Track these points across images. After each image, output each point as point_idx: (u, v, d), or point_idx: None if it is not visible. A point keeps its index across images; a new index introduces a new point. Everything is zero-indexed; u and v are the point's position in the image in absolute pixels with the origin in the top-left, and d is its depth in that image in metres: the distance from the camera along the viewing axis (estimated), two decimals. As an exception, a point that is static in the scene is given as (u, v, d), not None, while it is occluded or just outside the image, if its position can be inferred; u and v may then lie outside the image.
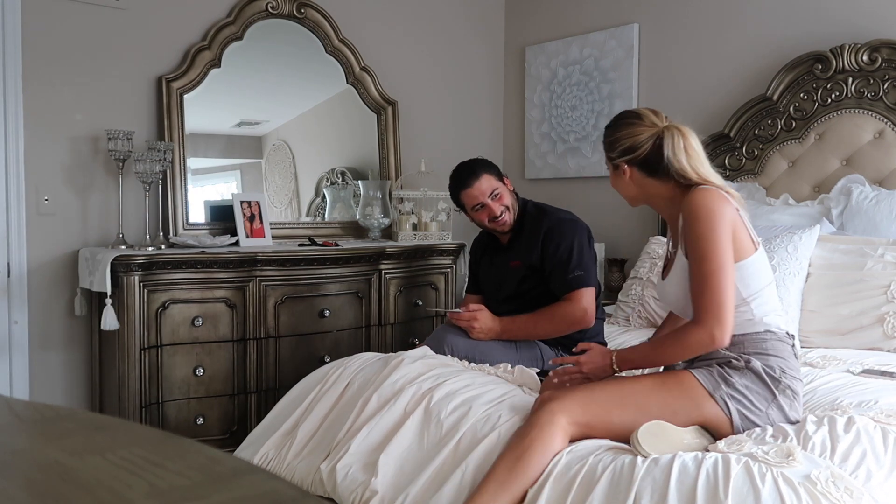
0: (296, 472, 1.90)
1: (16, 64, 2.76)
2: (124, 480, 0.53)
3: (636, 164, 1.78)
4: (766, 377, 1.65)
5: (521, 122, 4.24)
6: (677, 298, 1.78)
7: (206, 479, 0.54)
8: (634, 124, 1.78)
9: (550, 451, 1.56)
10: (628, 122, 1.80)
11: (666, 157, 1.71)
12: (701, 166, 1.72)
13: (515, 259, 2.48)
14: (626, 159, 1.79)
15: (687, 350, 1.65)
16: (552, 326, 2.37)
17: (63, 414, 0.71)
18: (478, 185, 2.46)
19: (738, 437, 1.57)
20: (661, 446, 1.52)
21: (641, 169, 1.78)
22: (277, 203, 3.49)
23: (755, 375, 1.65)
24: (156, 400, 2.71)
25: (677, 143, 1.71)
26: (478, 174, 2.47)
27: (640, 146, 1.76)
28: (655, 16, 3.63)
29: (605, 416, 1.63)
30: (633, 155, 1.77)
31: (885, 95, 2.87)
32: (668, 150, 1.71)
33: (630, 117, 1.81)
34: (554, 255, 2.39)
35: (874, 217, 2.72)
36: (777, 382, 1.65)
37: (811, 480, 1.36)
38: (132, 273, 2.63)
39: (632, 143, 1.76)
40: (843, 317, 2.45)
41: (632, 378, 1.76)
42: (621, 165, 1.80)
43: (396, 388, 1.92)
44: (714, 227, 1.62)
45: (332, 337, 3.09)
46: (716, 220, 1.62)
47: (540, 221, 2.46)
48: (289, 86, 3.53)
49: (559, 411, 1.60)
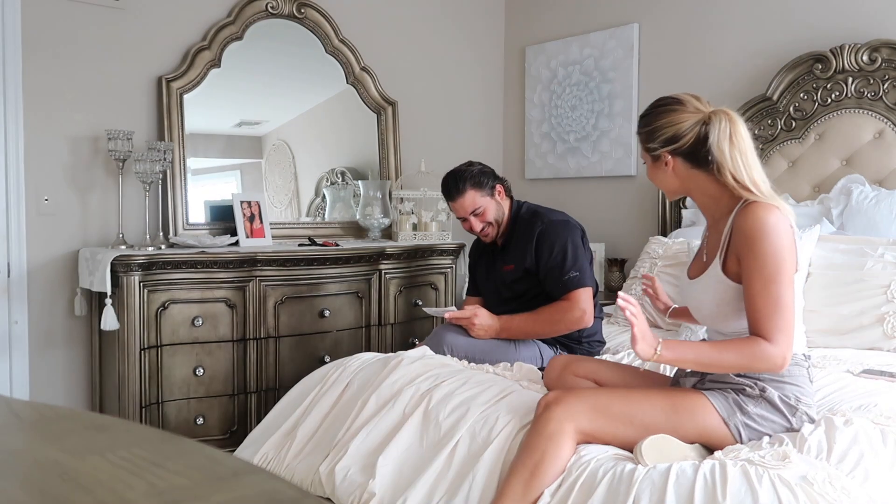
0: (295, 473, 1.90)
1: (16, 64, 2.76)
2: (124, 480, 0.53)
3: (680, 155, 1.65)
4: (782, 405, 1.58)
5: (521, 122, 4.24)
6: (701, 305, 1.70)
7: (206, 479, 0.54)
8: (677, 110, 1.64)
9: (563, 461, 1.55)
10: (670, 108, 1.65)
11: (709, 145, 1.59)
12: (750, 168, 1.59)
13: (510, 262, 2.49)
14: (669, 149, 1.65)
15: (752, 363, 1.52)
16: (550, 327, 2.38)
17: (63, 414, 0.71)
18: (461, 201, 2.49)
19: (736, 445, 1.57)
20: (663, 459, 1.52)
21: (686, 159, 1.64)
22: (277, 203, 3.49)
23: (770, 405, 1.58)
24: (156, 400, 2.71)
25: (723, 130, 1.58)
26: (461, 190, 2.48)
27: (685, 134, 1.62)
28: (655, 16, 3.63)
29: (611, 429, 1.59)
30: (677, 144, 1.63)
31: (885, 95, 2.87)
32: (713, 138, 1.58)
33: (671, 103, 1.66)
34: (548, 258, 2.39)
35: (874, 217, 2.72)
36: (793, 410, 1.59)
37: (808, 481, 1.36)
38: (132, 273, 2.63)
39: (675, 132, 1.63)
40: (843, 317, 2.45)
41: (643, 394, 1.67)
42: (663, 156, 1.66)
43: (395, 389, 1.92)
44: (781, 246, 1.52)
45: (332, 337, 3.09)
46: (783, 240, 1.53)
47: (532, 224, 2.45)
48: (289, 86, 3.53)
49: (567, 419, 1.56)
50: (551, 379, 1.97)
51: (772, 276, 1.51)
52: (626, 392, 1.68)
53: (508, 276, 2.50)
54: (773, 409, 1.58)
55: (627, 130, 3.71)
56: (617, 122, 3.76)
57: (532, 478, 1.53)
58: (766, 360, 1.50)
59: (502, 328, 2.38)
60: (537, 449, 1.55)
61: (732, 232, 1.59)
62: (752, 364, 1.52)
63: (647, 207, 3.65)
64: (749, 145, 1.60)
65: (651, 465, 1.47)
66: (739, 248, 1.56)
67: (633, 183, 3.72)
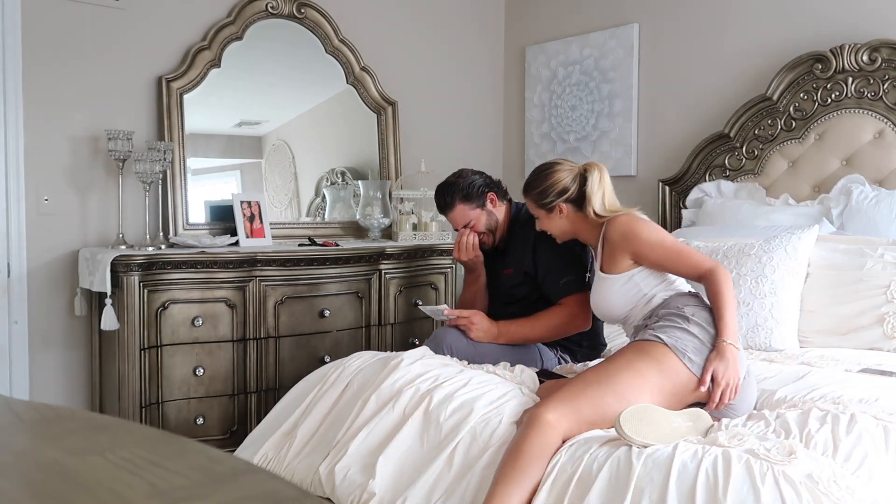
0: (295, 473, 1.90)
1: (16, 64, 2.76)
2: (124, 480, 0.53)
3: (570, 203, 2.13)
4: (677, 315, 1.90)
5: (521, 122, 4.24)
6: (596, 306, 2.13)
7: (206, 479, 0.54)
8: (557, 171, 2.14)
9: (547, 453, 1.57)
10: (552, 170, 2.16)
11: (586, 190, 2.09)
12: (607, 200, 2.10)
13: (509, 266, 2.50)
14: (563, 199, 2.13)
15: (726, 289, 1.90)
16: (550, 331, 2.38)
17: (63, 414, 0.71)
18: (451, 215, 2.54)
19: (740, 430, 1.57)
20: (646, 431, 1.52)
21: (574, 204, 2.13)
22: (277, 203, 3.49)
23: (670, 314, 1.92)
24: (156, 400, 2.71)
25: (595, 177, 2.09)
26: (451, 205, 2.52)
27: (570, 186, 2.12)
28: (655, 16, 3.63)
29: (585, 399, 1.69)
30: (567, 194, 2.12)
31: (885, 95, 2.87)
32: (589, 184, 2.08)
33: (552, 166, 2.18)
34: (545, 262, 2.40)
35: (874, 217, 2.72)
36: (685, 318, 1.89)
37: (813, 479, 1.35)
38: (132, 273, 2.63)
39: (564, 186, 2.12)
40: (842, 317, 2.45)
41: (604, 362, 1.88)
42: (558, 206, 2.14)
43: (395, 389, 1.92)
44: (651, 228, 2.02)
45: (332, 337, 3.09)
46: (648, 224, 2.03)
47: (530, 228, 2.44)
48: (289, 86, 3.53)
49: (544, 411, 1.64)
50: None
51: (660, 244, 1.99)
52: (592, 367, 1.87)
53: (508, 280, 2.50)
54: (672, 315, 1.91)
55: (627, 131, 3.71)
56: (617, 123, 3.76)
57: (514, 473, 1.55)
58: (718, 282, 1.90)
59: (500, 333, 2.38)
60: (521, 444, 1.59)
61: (605, 243, 2.05)
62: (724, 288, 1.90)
63: (648, 207, 3.64)
64: (607, 182, 2.13)
65: (636, 440, 1.49)
66: (619, 249, 2.01)
67: (634, 183, 3.72)
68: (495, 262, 2.58)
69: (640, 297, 2.01)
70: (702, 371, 1.80)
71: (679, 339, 1.82)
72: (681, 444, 1.50)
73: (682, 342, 1.82)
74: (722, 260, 2.61)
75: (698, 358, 1.81)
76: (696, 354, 1.81)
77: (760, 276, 2.50)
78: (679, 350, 1.80)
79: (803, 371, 2.12)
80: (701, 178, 3.38)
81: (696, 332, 1.85)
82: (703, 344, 1.84)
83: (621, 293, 2.03)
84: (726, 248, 2.64)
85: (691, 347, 1.81)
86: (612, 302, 2.06)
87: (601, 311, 2.15)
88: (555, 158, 2.28)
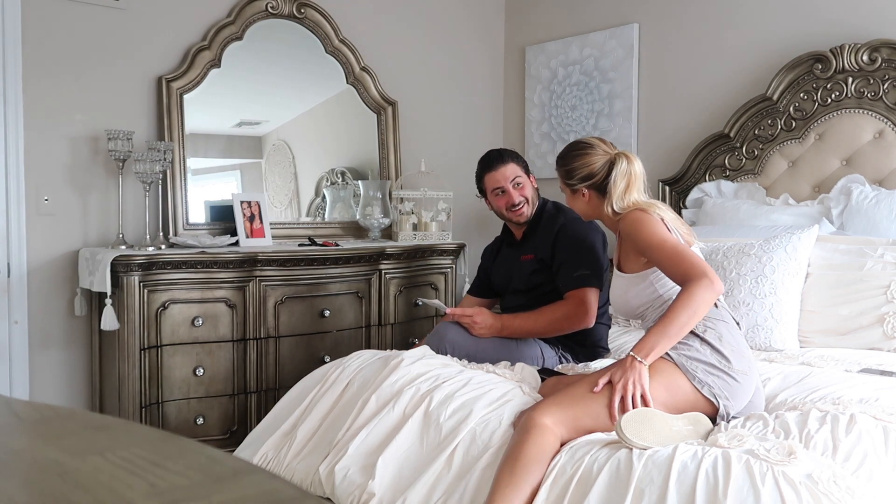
0: (295, 473, 1.90)
1: (16, 64, 2.76)
2: (124, 480, 0.53)
3: (594, 188, 2.06)
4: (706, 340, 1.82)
5: (521, 122, 4.24)
6: (614, 300, 2.08)
7: (206, 479, 0.54)
8: (588, 154, 2.05)
9: (545, 456, 1.57)
10: (584, 152, 2.06)
11: (609, 182, 2.00)
12: (634, 191, 2.00)
13: (528, 252, 2.53)
14: (586, 185, 2.05)
15: (700, 304, 1.75)
16: (553, 325, 2.38)
17: (63, 414, 0.71)
18: (503, 169, 2.56)
19: (739, 431, 1.57)
20: (647, 434, 1.52)
21: (598, 191, 2.05)
22: (277, 203, 3.49)
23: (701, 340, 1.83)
24: (156, 400, 2.71)
25: (619, 169, 1.99)
26: (505, 160, 2.58)
27: (598, 172, 2.03)
28: (655, 16, 3.63)
29: (582, 408, 1.68)
30: (592, 181, 2.04)
31: (885, 95, 2.87)
32: (612, 176, 1.99)
33: (585, 147, 2.07)
34: (564, 251, 2.42)
35: (874, 217, 2.72)
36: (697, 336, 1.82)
37: (813, 480, 1.35)
38: (132, 273, 2.63)
39: (590, 171, 2.04)
40: (842, 317, 2.45)
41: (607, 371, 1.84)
42: (581, 189, 2.07)
43: (395, 389, 1.92)
44: (653, 227, 1.91)
45: (333, 337, 3.09)
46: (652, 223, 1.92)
47: (556, 218, 2.52)
48: (289, 86, 3.53)
49: (540, 415, 1.63)
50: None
51: (659, 245, 1.86)
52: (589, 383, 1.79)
53: (527, 266, 2.53)
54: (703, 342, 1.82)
55: (627, 131, 3.71)
56: (617, 122, 3.76)
57: (513, 477, 1.55)
58: (698, 292, 1.76)
59: (504, 326, 2.39)
60: (519, 447, 1.59)
61: (621, 238, 2.00)
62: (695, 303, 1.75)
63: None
64: (634, 174, 2.01)
65: (636, 443, 1.49)
66: (629, 246, 1.96)
67: (633, 183, 3.72)
68: (514, 250, 2.62)
69: (654, 297, 1.95)
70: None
71: (688, 358, 1.78)
72: (681, 444, 1.50)
73: (692, 363, 1.77)
74: (722, 260, 2.61)
75: (709, 378, 1.77)
76: (706, 375, 1.77)
77: (760, 276, 2.50)
78: (689, 371, 1.76)
79: (804, 372, 2.12)
80: (701, 178, 3.38)
81: (706, 351, 1.80)
82: (713, 364, 1.78)
83: (635, 292, 1.98)
84: (726, 248, 2.64)
85: (701, 369, 1.77)
86: (627, 300, 2.02)
87: (617, 306, 2.10)
88: (593, 138, 2.13)
